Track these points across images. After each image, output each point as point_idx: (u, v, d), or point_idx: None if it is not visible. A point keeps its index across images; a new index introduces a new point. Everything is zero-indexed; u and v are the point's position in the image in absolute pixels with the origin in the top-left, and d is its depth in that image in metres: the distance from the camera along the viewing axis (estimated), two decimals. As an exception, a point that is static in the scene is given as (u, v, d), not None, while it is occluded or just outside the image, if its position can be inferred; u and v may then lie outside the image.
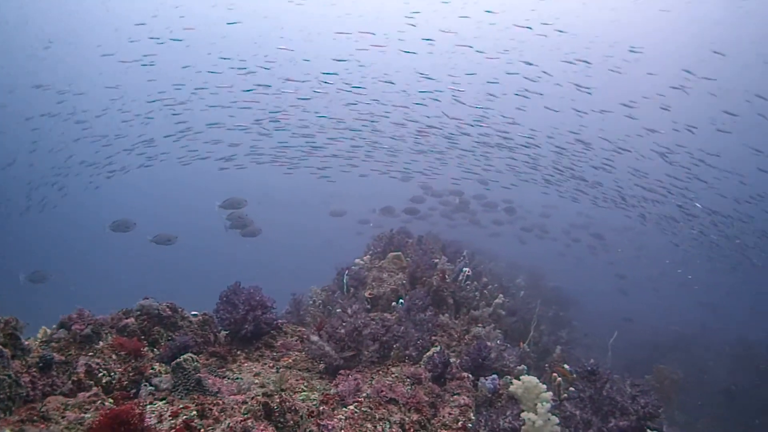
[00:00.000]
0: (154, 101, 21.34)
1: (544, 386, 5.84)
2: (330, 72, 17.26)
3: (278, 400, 3.58)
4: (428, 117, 19.42)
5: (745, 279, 30.88)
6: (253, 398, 3.68)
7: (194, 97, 22.02)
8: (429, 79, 18.46)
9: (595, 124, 21.65)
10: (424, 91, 18.24)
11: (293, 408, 3.65)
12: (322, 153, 21.57)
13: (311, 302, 9.10)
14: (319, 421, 3.77)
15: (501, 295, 9.87)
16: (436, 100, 18.25)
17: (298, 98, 19.79)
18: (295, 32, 29.56)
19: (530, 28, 19.91)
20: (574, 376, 8.46)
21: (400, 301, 7.91)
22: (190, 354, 4.33)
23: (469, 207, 23.37)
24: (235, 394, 4.25)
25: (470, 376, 5.97)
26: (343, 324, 5.34)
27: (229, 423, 3.29)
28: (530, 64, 18.14)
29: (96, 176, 27.86)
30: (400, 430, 4.09)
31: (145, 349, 5.21)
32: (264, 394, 3.67)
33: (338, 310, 6.09)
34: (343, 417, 3.96)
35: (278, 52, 20.71)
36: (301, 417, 3.68)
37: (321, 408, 4.02)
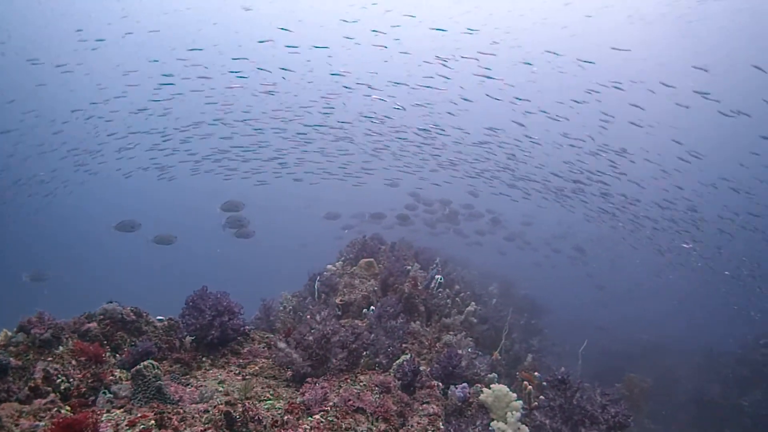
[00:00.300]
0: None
1: (515, 395, 5.81)
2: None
3: (241, 410, 3.48)
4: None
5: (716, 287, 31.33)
6: (215, 407, 3.57)
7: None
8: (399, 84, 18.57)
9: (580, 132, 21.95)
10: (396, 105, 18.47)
11: (256, 417, 3.55)
12: (297, 157, 21.78)
13: (281, 308, 8.98)
14: (282, 430, 3.67)
15: (473, 303, 9.85)
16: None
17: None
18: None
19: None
20: (539, 382, 8.48)
21: (372, 307, 7.84)
22: (150, 361, 4.19)
23: (458, 217, 23.57)
24: (197, 403, 4.13)
25: (440, 384, 5.91)
26: (312, 331, 5.24)
27: (188, 433, 3.19)
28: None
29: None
30: (367, 440, 4.01)
31: (107, 354, 5.06)
32: (227, 403, 3.57)
33: (307, 317, 5.98)
34: (309, 427, 3.86)
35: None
36: (265, 427, 3.59)
37: (285, 417, 3.90)
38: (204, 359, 5.60)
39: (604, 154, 19.79)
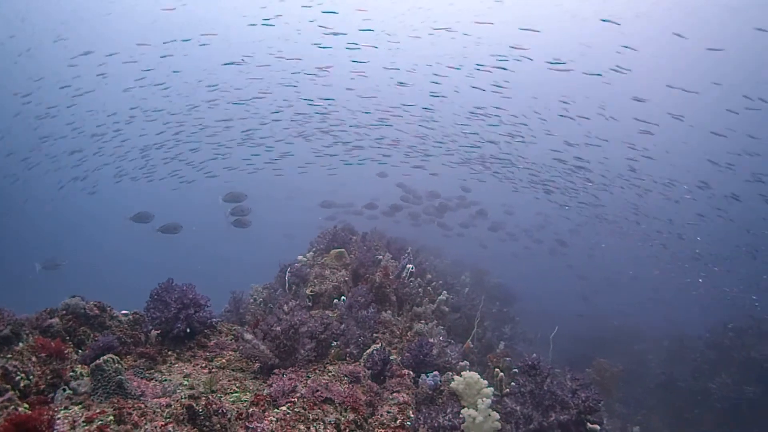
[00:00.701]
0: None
1: (485, 382, 5.81)
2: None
3: (204, 403, 3.40)
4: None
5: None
6: (177, 401, 3.48)
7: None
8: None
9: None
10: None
11: (220, 411, 3.47)
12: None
13: (252, 300, 8.89)
14: (247, 423, 3.59)
15: (445, 292, 9.85)
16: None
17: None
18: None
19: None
20: (509, 365, 8.52)
21: (342, 298, 7.79)
22: (111, 355, 4.07)
23: (448, 209, 23.87)
24: (159, 397, 4.03)
25: (411, 373, 5.89)
26: (279, 321, 5.15)
27: (148, 428, 3.09)
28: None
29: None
30: (335, 430, 3.95)
31: (69, 350, 4.91)
32: (190, 397, 3.49)
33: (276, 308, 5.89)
34: (275, 419, 3.79)
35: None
36: (229, 420, 3.51)
37: (251, 410, 3.82)
38: (170, 353, 5.47)
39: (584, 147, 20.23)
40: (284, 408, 3.99)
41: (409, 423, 4.53)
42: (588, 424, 6.13)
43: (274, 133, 23.21)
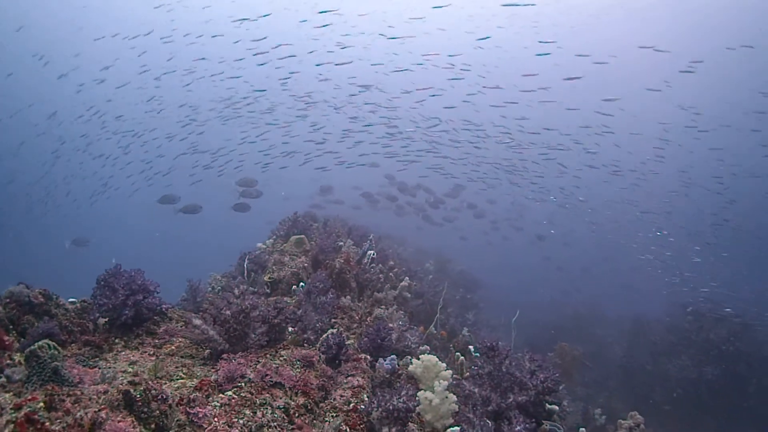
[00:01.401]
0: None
1: (444, 365, 5.76)
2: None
3: (142, 389, 3.25)
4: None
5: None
6: (115, 387, 3.33)
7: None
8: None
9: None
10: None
11: (160, 396, 3.32)
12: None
13: (210, 289, 8.71)
14: (188, 409, 3.46)
15: (407, 278, 9.81)
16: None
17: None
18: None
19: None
20: (466, 343, 8.50)
21: (301, 284, 7.67)
22: (46, 341, 3.88)
23: (440, 203, 24.52)
24: (97, 384, 3.86)
25: (368, 357, 5.81)
26: (229, 305, 5.00)
27: (80, 415, 2.94)
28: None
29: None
30: (283, 415, 3.83)
31: (11, 340, 4.70)
32: (129, 383, 3.33)
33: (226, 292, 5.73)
34: (218, 404, 3.66)
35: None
36: (170, 406, 3.36)
37: (193, 395, 3.68)
38: (117, 341, 5.27)
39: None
40: (230, 393, 3.86)
41: (363, 406, 4.44)
42: (546, 404, 6.14)
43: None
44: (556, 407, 6.10)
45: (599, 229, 34.72)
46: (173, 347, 5.18)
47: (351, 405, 4.40)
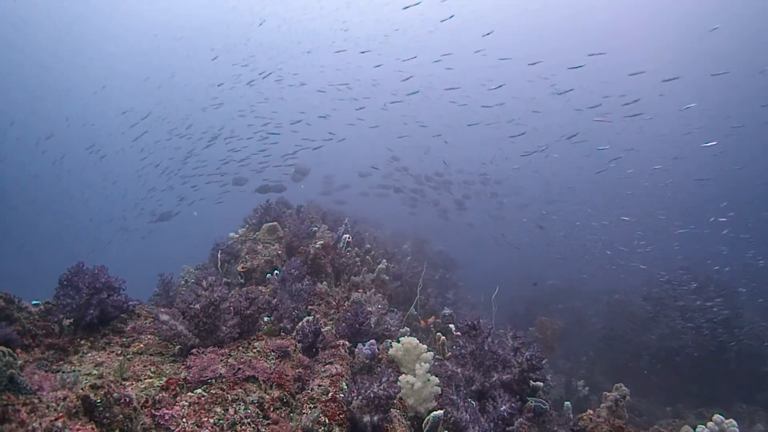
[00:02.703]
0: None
1: (425, 347, 5.63)
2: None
3: (102, 393, 3.05)
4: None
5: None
6: (74, 393, 3.12)
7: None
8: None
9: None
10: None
11: (123, 399, 3.13)
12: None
13: (183, 282, 8.50)
14: (154, 411, 3.27)
15: (384, 261, 9.68)
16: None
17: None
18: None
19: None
20: (445, 320, 8.41)
21: (276, 272, 7.48)
22: (1, 348, 3.65)
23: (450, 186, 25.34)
24: (57, 390, 3.64)
25: (347, 343, 5.67)
26: (198, 298, 4.80)
27: (36, 425, 2.73)
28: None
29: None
30: (257, 410, 3.65)
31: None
32: (90, 387, 3.13)
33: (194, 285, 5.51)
34: (187, 403, 3.46)
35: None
36: (134, 409, 3.17)
37: (159, 395, 3.49)
38: (83, 342, 5.03)
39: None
40: (199, 390, 3.67)
41: (342, 395, 4.28)
42: (531, 382, 6.05)
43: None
44: (541, 384, 6.03)
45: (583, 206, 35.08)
46: (142, 345, 4.95)
47: (329, 394, 4.23)
